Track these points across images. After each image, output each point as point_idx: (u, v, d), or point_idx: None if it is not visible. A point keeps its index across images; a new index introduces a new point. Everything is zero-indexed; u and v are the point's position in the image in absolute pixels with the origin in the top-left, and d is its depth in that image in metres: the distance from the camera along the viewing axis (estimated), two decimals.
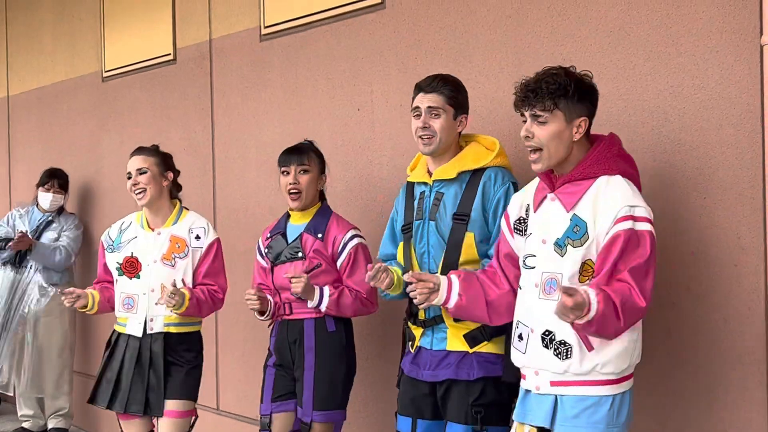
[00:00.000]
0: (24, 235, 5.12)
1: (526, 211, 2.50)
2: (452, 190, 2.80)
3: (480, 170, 2.79)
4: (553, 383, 2.34)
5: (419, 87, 2.86)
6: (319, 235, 3.28)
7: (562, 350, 2.30)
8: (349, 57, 3.87)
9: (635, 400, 2.44)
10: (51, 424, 5.36)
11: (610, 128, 2.61)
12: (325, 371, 3.25)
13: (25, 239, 5.10)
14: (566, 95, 2.31)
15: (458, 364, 2.74)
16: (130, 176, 3.52)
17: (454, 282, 2.55)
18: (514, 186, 2.76)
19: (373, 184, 3.78)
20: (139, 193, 3.50)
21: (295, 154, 3.33)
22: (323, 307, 3.21)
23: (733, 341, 2.63)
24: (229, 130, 4.56)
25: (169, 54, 4.91)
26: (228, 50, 4.54)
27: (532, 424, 2.38)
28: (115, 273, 3.59)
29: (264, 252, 3.43)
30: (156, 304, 3.47)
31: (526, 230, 2.49)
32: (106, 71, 5.46)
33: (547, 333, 2.33)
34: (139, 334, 3.48)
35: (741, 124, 2.60)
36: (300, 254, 3.27)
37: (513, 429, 2.47)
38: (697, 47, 2.69)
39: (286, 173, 3.32)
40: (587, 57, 2.93)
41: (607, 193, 2.30)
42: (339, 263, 3.28)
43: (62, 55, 5.93)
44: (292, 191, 3.30)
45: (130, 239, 3.58)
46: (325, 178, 3.42)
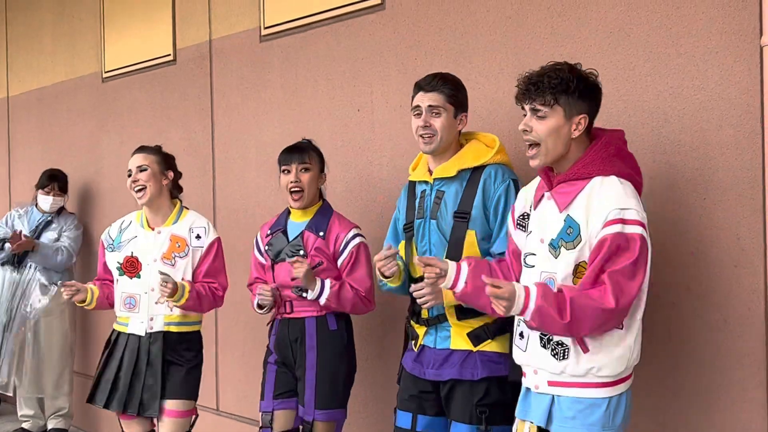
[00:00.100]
0: (17, 235, 5.10)
1: (530, 207, 2.50)
2: (453, 188, 2.80)
3: (480, 168, 2.79)
4: (550, 383, 2.34)
5: (419, 86, 2.86)
6: (321, 234, 3.28)
7: (559, 351, 2.30)
8: (349, 58, 3.87)
9: (635, 401, 2.44)
10: (51, 425, 5.36)
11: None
12: (326, 370, 3.26)
13: (27, 241, 5.09)
14: (567, 91, 2.30)
15: (462, 364, 2.74)
16: (131, 174, 3.53)
17: (463, 269, 2.54)
18: (514, 183, 2.75)
19: (373, 185, 3.78)
20: (139, 190, 3.50)
21: (296, 153, 3.33)
22: (323, 299, 3.20)
23: (732, 342, 2.63)
24: (229, 130, 4.56)
25: (169, 54, 4.91)
26: (228, 51, 4.54)
27: (533, 422, 2.39)
28: (116, 273, 3.59)
29: (264, 249, 3.42)
30: (156, 303, 3.48)
31: (527, 227, 2.49)
32: (106, 72, 5.46)
33: (545, 333, 2.33)
34: (142, 333, 3.49)
35: (741, 125, 2.60)
36: (301, 252, 3.27)
37: (515, 425, 2.48)
38: (697, 48, 2.69)
39: (287, 172, 3.32)
40: (587, 58, 2.93)
41: (600, 194, 2.27)
42: (340, 261, 3.28)
43: (62, 56, 5.93)
44: (293, 190, 3.30)
45: (130, 238, 3.58)
46: (324, 177, 3.42)
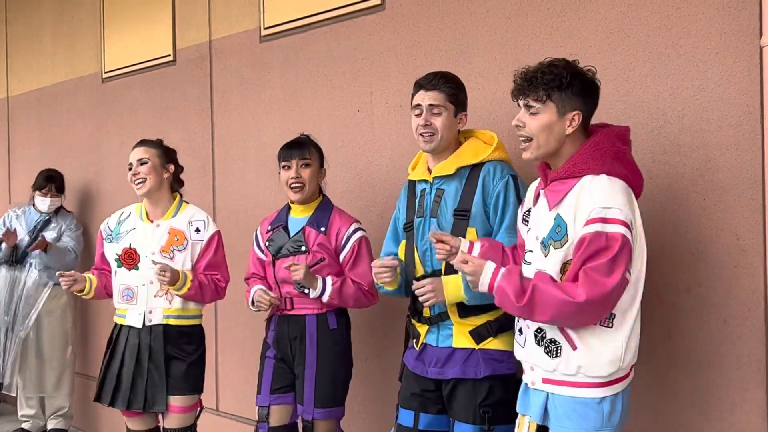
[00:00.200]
0: (11, 232, 5.13)
1: (532, 203, 2.51)
2: (452, 187, 2.80)
3: (479, 165, 2.79)
4: (544, 380, 2.36)
5: (420, 84, 2.85)
6: (322, 229, 3.28)
7: (552, 348, 2.31)
8: (349, 58, 3.87)
9: (634, 401, 2.44)
10: (51, 425, 5.36)
11: None
12: (326, 369, 3.26)
13: (41, 242, 5.11)
14: (560, 87, 2.29)
15: (465, 362, 2.74)
16: (131, 167, 3.53)
17: (476, 247, 2.56)
18: (513, 179, 2.75)
19: (373, 185, 3.77)
20: (139, 183, 3.51)
21: (296, 149, 3.32)
22: (326, 297, 3.20)
23: (732, 342, 2.63)
24: (229, 131, 4.56)
25: (169, 55, 4.91)
26: (228, 51, 4.54)
27: (532, 418, 2.41)
28: (114, 264, 3.59)
29: (264, 245, 3.42)
30: (155, 296, 3.48)
31: (529, 222, 2.50)
32: (105, 72, 5.46)
33: (539, 330, 2.35)
34: (139, 325, 3.49)
35: (740, 126, 2.60)
36: (303, 248, 3.27)
37: (517, 420, 2.50)
38: (696, 49, 2.69)
39: (287, 167, 3.32)
40: (587, 58, 2.93)
41: (587, 193, 2.26)
42: (342, 256, 3.28)
43: (62, 56, 5.93)
44: (294, 185, 3.30)
45: (128, 230, 3.58)
46: (324, 172, 3.42)
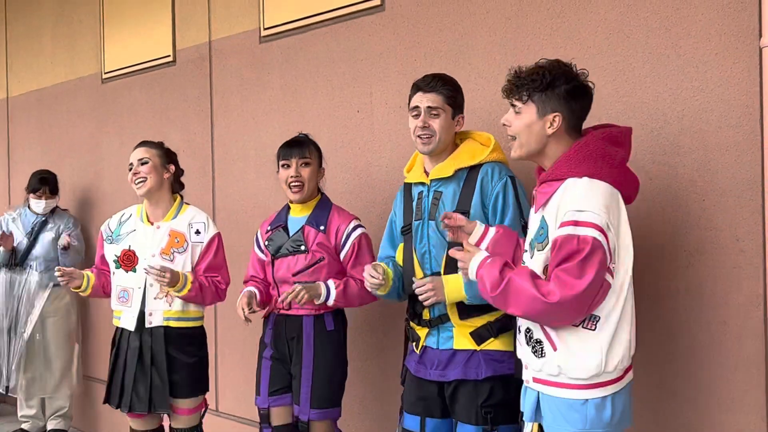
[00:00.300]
0: (6, 235, 5.14)
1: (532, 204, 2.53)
2: (450, 189, 2.80)
3: (476, 166, 2.79)
4: (534, 380, 2.38)
5: (417, 86, 2.85)
6: (322, 228, 3.28)
7: (538, 348, 2.34)
8: (349, 59, 3.87)
9: (634, 401, 2.43)
10: (50, 425, 5.36)
11: None
12: (323, 370, 3.26)
13: (67, 238, 5.14)
14: (541, 88, 2.34)
15: (466, 363, 2.74)
16: (132, 167, 3.53)
17: (490, 232, 2.59)
18: (511, 180, 2.76)
19: (373, 186, 3.77)
20: (139, 182, 3.51)
21: (296, 147, 3.32)
22: (331, 301, 3.20)
23: (732, 343, 2.63)
24: (229, 131, 4.56)
25: (169, 55, 4.91)
26: (227, 52, 4.54)
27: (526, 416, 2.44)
28: (112, 266, 3.59)
29: (264, 245, 3.42)
30: (155, 298, 3.48)
31: (528, 225, 2.52)
32: (105, 73, 5.46)
33: (528, 330, 2.38)
34: (132, 328, 3.48)
35: (740, 126, 2.60)
36: (303, 247, 3.27)
37: (521, 417, 2.51)
38: (696, 50, 2.69)
39: (287, 166, 3.31)
40: (586, 59, 2.94)
41: (567, 195, 2.27)
42: (343, 255, 3.28)
43: (62, 57, 5.92)
44: (294, 184, 3.29)
45: (129, 232, 3.58)
46: (323, 171, 3.42)
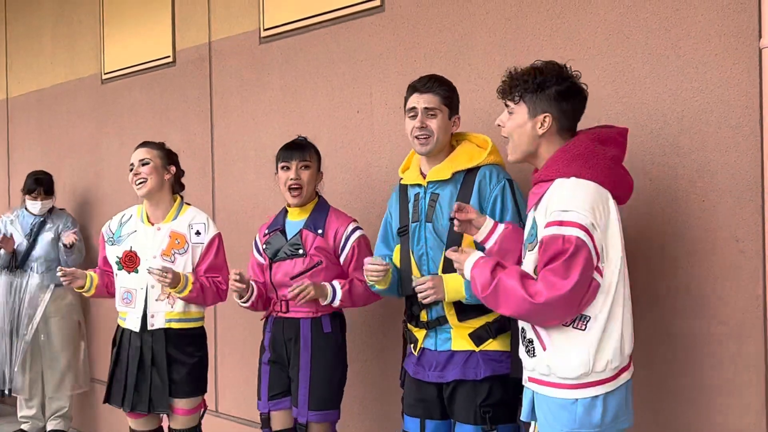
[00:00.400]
0: (6, 238, 5.14)
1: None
2: (447, 191, 2.80)
3: (474, 169, 2.79)
4: (529, 379, 2.39)
5: (414, 87, 2.86)
6: (320, 231, 3.27)
7: (530, 348, 2.35)
8: (349, 59, 3.87)
9: (634, 401, 2.44)
10: (50, 426, 5.35)
11: None
12: (320, 372, 3.26)
13: (73, 236, 5.11)
14: (531, 89, 2.35)
15: (465, 364, 2.74)
16: (132, 167, 3.53)
17: (499, 228, 2.58)
18: (509, 183, 2.76)
19: (373, 187, 3.77)
20: (140, 183, 3.51)
21: (297, 150, 3.32)
22: (336, 302, 3.19)
23: (731, 343, 2.63)
24: (229, 132, 4.56)
25: (169, 56, 4.91)
26: (227, 52, 4.54)
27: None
28: (115, 267, 3.59)
29: (262, 249, 3.42)
30: (157, 300, 3.48)
31: None
32: (105, 73, 5.46)
33: (522, 330, 2.40)
34: (137, 329, 3.48)
35: (740, 127, 2.60)
36: (300, 251, 3.26)
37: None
38: (696, 50, 2.69)
39: (287, 168, 3.31)
40: (586, 60, 2.94)
41: (555, 195, 2.28)
42: (342, 258, 3.28)
43: (61, 57, 5.92)
44: (293, 187, 3.29)
45: (129, 233, 3.58)
46: (322, 175, 3.42)
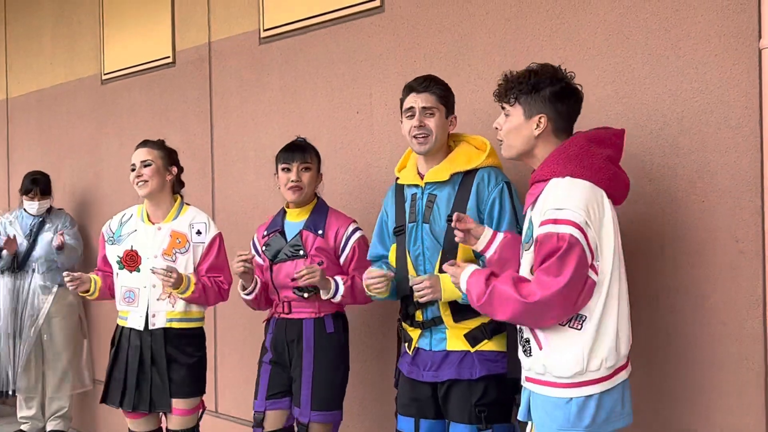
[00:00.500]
0: (11, 239, 5.15)
1: None
2: (445, 192, 2.80)
3: (472, 171, 2.79)
4: (526, 378, 2.40)
5: (410, 87, 2.87)
6: (320, 232, 3.28)
7: (527, 347, 2.36)
8: (348, 60, 3.87)
9: (633, 401, 2.44)
10: (50, 426, 5.35)
11: None
12: (323, 372, 3.25)
13: (60, 237, 5.13)
14: (526, 91, 2.37)
15: (460, 363, 2.74)
16: (134, 168, 3.53)
17: (498, 237, 2.58)
18: (507, 185, 2.76)
19: (372, 187, 3.77)
20: (141, 184, 3.51)
21: (297, 152, 3.32)
22: (338, 297, 3.19)
23: (731, 344, 2.63)
24: (228, 132, 4.56)
25: (168, 57, 4.91)
26: (227, 53, 4.54)
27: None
28: (116, 267, 3.59)
29: (261, 250, 3.42)
30: (158, 299, 3.48)
31: None
32: (105, 74, 5.46)
33: (519, 330, 2.41)
34: (141, 327, 3.48)
35: (740, 128, 2.60)
36: (301, 252, 3.26)
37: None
38: (695, 51, 2.69)
39: (287, 170, 3.31)
40: (586, 60, 2.94)
41: (549, 196, 2.30)
42: (343, 258, 3.28)
43: (61, 58, 5.92)
44: (293, 188, 3.29)
45: (130, 232, 3.58)
46: (321, 176, 3.42)
